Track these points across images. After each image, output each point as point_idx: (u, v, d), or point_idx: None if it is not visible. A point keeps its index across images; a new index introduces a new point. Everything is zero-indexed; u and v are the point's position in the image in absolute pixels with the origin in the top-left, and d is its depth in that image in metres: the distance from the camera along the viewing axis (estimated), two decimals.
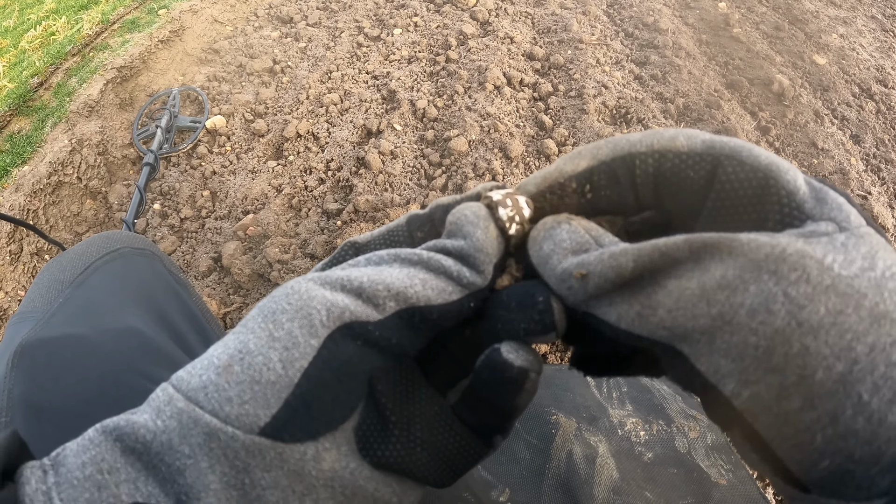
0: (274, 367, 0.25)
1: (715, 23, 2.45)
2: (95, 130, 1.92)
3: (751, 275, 0.21)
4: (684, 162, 0.26)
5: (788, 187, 0.24)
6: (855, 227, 0.23)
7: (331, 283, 0.26)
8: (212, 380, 0.25)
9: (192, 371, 0.26)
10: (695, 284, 0.22)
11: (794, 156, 1.89)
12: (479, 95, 1.92)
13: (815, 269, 0.21)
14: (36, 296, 0.70)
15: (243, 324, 0.26)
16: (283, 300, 0.26)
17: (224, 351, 0.26)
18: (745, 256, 0.21)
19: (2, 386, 0.55)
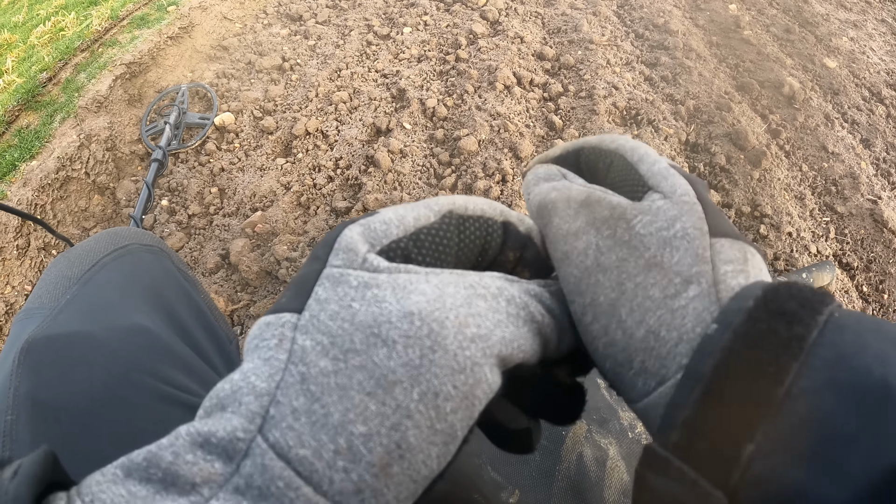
0: (431, 465, 0.23)
1: (725, 25, 2.44)
2: (104, 126, 1.92)
3: (585, 228, 0.30)
4: (601, 154, 0.36)
5: (642, 170, 0.32)
6: (677, 196, 0.29)
7: (486, 352, 0.25)
8: (368, 483, 0.22)
9: (323, 455, 0.22)
10: (565, 227, 0.31)
11: (804, 159, 1.88)
12: (489, 95, 1.91)
13: (622, 227, 0.29)
14: (43, 292, 0.69)
15: (372, 375, 0.23)
16: (447, 379, 0.24)
17: (370, 435, 0.22)
18: (591, 214, 0.30)
19: (8, 383, 0.54)
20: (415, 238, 0.29)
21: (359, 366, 0.23)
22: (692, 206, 0.29)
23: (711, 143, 1.85)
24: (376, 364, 0.23)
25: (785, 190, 1.76)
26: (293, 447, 0.21)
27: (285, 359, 0.23)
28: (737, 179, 1.75)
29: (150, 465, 0.21)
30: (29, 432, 0.50)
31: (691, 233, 0.27)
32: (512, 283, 0.29)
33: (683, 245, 0.27)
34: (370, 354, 0.23)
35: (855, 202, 1.75)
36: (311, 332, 0.24)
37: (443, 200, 0.31)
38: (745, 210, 1.67)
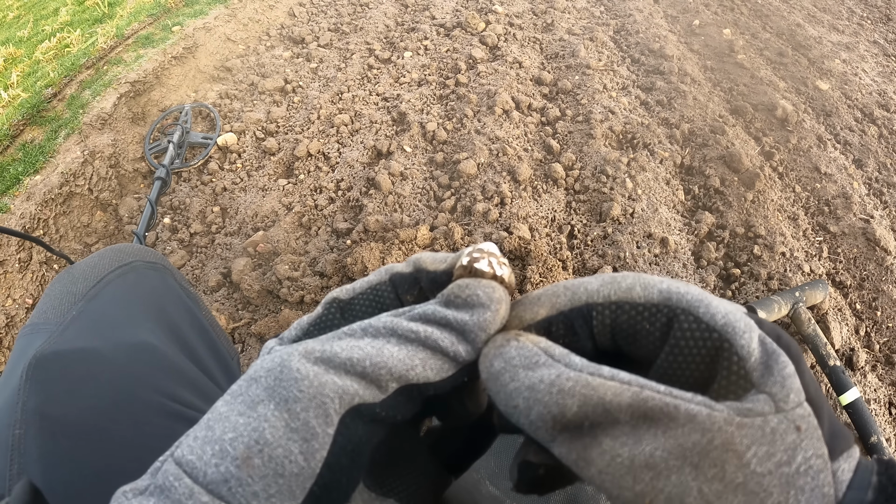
0: (296, 460, 0.25)
1: (720, 49, 2.49)
2: (108, 143, 1.95)
3: (675, 462, 0.23)
4: (640, 314, 0.27)
5: (741, 353, 0.25)
6: (791, 407, 0.24)
7: (335, 366, 0.27)
8: (232, 473, 0.25)
9: (203, 457, 0.26)
10: (626, 454, 0.23)
11: (797, 180, 1.91)
12: (487, 119, 1.94)
13: (732, 467, 0.23)
14: (48, 307, 0.70)
15: (246, 402, 0.27)
16: (292, 386, 0.26)
17: (236, 437, 0.26)
18: (676, 440, 0.23)
19: (16, 398, 0.55)
20: (312, 328, 0.33)
21: (240, 401, 0.27)
22: (810, 421, 0.24)
23: (706, 166, 1.88)
24: (249, 395, 0.27)
25: (778, 211, 1.79)
26: (185, 455, 0.26)
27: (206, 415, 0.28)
28: (731, 201, 1.78)
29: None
30: (37, 447, 0.51)
31: (815, 465, 0.23)
32: (381, 318, 0.29)
33: (809, 484, 0.23)
34: (247, 391, 0.27)
35: (847, 221, 1.78)
36: (223, 396, 0.28)
37: (328, 296, 0.34)
38: (739, 231, 1.70)
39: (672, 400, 0.23)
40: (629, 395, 0.24)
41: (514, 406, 0.26)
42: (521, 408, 0.26)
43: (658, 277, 0.28)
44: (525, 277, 1.45)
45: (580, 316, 0.28)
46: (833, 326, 1.52)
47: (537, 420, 0.25)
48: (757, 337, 0.25)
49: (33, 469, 0.50)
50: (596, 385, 0.24)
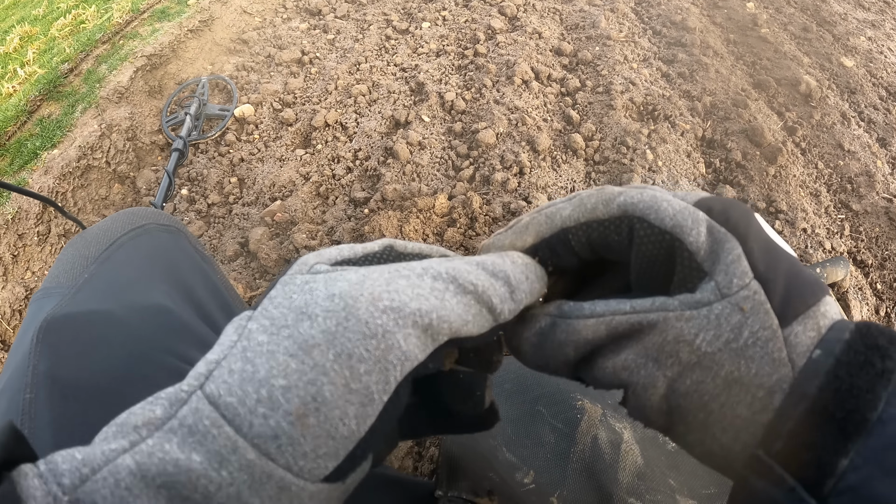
0: (349, 424, 0.26)
1: (743, 22, 2.44)
2: (125, 116, 1.95)
3: (642, 360, 0.29)
4: (607, 228, 0.32)
5: (691, 248, 0.29)
6: (735, 291, 0.28)
7: (403, 317, 0.27)
8: (284, 429, 0.24)
9: (246, 403, 0.25)
10: (609, 365, 0.30)
11: (820, 157, 1.88)
12: (507, 89, 1.92)
13: (685, 353, 0.28)
14: (60, 271, 0.69)
15: (297, 341, 0.26)
16: (360, 343, 0.26)
17: (289, 387, 0.25)
18: (640, 343, 0.29)
19: (27, 361, 0.54)
20: (362, 260, 0.32)
21: (287, 336, 0.26)
22: (755, 299, 0.27)
23: (728, 140, 1.85)
24: (300, 333, 0.26)
25: (800, 187, 1.76)
26: (223, 395, 0.25)
27: (235, 339, 0.27)
28: (752, 175, 1.75)
29: (110, 424, 0.26)
30: (48, 410, 0.50)
31: (762, 336, 0.27)
32: (442, 262, 0.30)
33: (757, 353, 0.27)
34: (297, 327, 0.26)
35: (870, 200, 1.75)
36: (258, 319, 0.28)
37: (384, 240, 0.34)
38: (761, 206, 1.67)
39: (635, 317, 0.29)
40: (603, 328, 0.30)
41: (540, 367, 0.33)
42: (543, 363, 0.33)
43: (618, 189, 0.32)
44: None
45: (559, 241, 0.33)
46: (853, 305, 1.49)
47: (556, 370, 0.32)
48: (705, 229, 0.29)
49: (44, 433, 0.49)
50: (580, 328, 0.30)
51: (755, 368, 0.26)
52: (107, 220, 0.79)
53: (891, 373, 0.24)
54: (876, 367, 0.25)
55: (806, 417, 0.25)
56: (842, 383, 0.25)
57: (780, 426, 0.25)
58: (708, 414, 0.27)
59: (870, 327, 0.26)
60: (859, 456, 0.23)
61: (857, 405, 0.24)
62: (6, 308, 1.55)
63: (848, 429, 0.24)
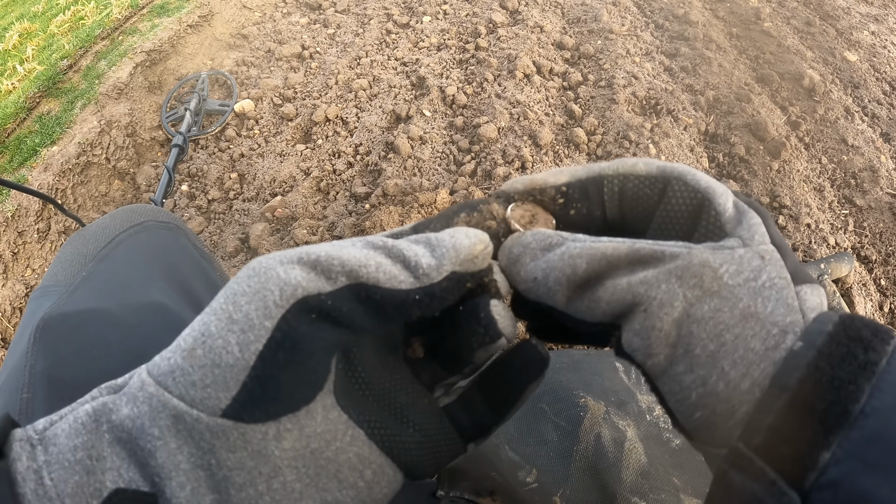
0: (232, 351, 0.26)
1: (746, 16, 2.43)
2: (124, 112, 1.94)
3: (664, 276, 0.28)
4: (643, 182, 0.33)
5: (719, 209, 0.31)
6: (757, 244, 0.29)
7: (289, 258, 0.28)
8: (178, 364, 0.26)
9: (163, 355, 0.27)
10: (624, 281, 0.29)
11: (823, 152, 1.87)
12: (508, 83, 1.91)
13: (708, 278, 0.28)
14: (59, 269, 0.69)
15: (211, 304, 0.28)
16: (244, 281, 0.27)
17: (190, 333, 0.27)
18: (664, 264, 0.29)
19: (23, 361, 0.54)
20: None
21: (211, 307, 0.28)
22: (773, 254, 0.29)
23: (731, 134, 1.84)
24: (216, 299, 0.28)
25: (804, 181, 1.75)
26: (155, 358, 0.28)
27: None
28: (756, 170, 1.74)
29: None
30: (45, 411, 0.49)
31: (778, 283, 0.28)
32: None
33: (773, 295, 0.28)
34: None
35: (874, 195, 1.74)
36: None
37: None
38: (764, 200, 1.67)
39: (659, 247, 0.29)
40: (625, 248, 0.29)
41: (534, 278, 0.31)
42: (540, 278, 0.30)
43: (658, 160, 0.33)
44: None
45: (594, 184, 0.34)
46: (857, 301, 1.48)
47: (555, 284, 0.30)
48: (732, 200, 0.31)
49: None
50: (598, 246, 0.29)
51: (771, 307, 0.27)
52: (106, 217, 0.78)
53: (874, 365, 0.24)
54: (858, 358, 0.25)
55: (786, 410, 0.24)
56: (823, 375, 0.24)
57: (761, 420, 0.25)
58: (720, 345, 0.27)
59: (854, 319, 0.26)
60: (841, 449, 0.23)
61: (839, 397, 0.24)
62: (6, 305, 1.54)
63: (829, 421, 0.23)
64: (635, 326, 0.29)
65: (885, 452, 0.22)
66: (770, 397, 0.25)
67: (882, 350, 0.25)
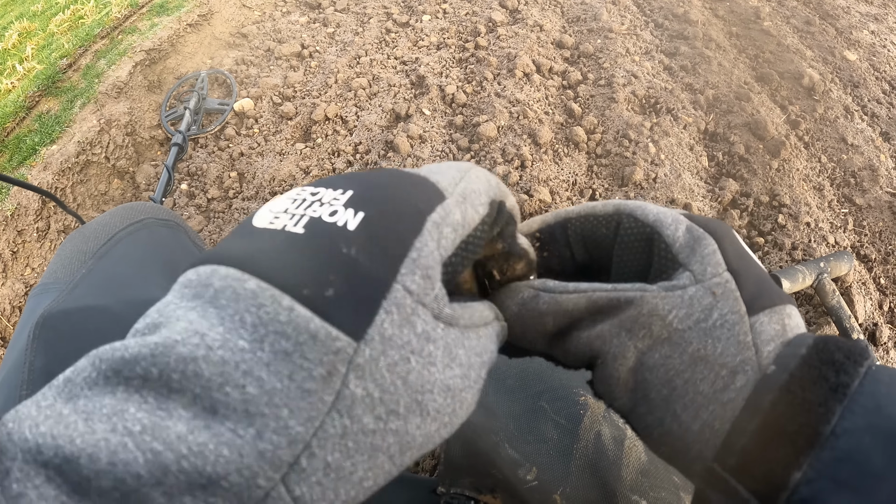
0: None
1: (745, 15, 2.43)
2: (124, 111, 1.94)
3: (615, 330, 0.30)
4: (599, 221, 0.35)
5: (668, 240, 0.31)
6: (709, 277, 0.30)
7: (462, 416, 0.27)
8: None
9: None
10: (584, 335, 0.31)
11: (823, 151, 1.87)
12: (508, 82, 1.91)
13: (657, 326, 0.29)
14: (58, 267, 0.69)
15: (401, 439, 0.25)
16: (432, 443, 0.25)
17: (373, 487, 0.24)
18: (616, 317, 0.30)
19: (23, 358, 0.54)
20: (463, 247, 0.27)
21: (394, 430, 0.22)
22: (726, 287, 0.29)
23: (730, 133, 1.84)
24: (408, 432, 0.23)
25: (804, 180, 1.75)
26: (316, 501, 0.21)
27: (331, 402, 0.21)
28: (755, 169, 1.74)
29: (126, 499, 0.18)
30: None
31: (730, 319, 0.29)
32: (496, 341, 0.30)
33: (724, 335, 0.28)
34: (407, 421, 0.23)
35: (874, 194, 1.74)
36: (365, 380, 0.21)
37: (483, 193, 0.29)
38: (764, 199, 1.66)
39: (615, 293, 0.30)
40: (584, 301, 0.31)
41: (514, 334, 0.33)
42: (519, 332, 0.33)
43: (616, 200, 0.35)
44: None
45: (560, 227, 0.36)
46: (857, 300, 1.48)
47: (532, 338, 0.33)
48: (684, 227, 0.32)
49: None
50: (561, 301, 0.31)
51: (721, 348, 0.28)
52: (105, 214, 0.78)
53: (846, 387, 0.25)
54: (830, 381, 0.25)
55: (759, 432, 0.25)
56: (794, 398, 0.25)
57: (734, 441, 0.26)
58: (672, 390, 0.28)
59: (827, 342, 0.27)
60: (812, 469, 0.24)
61: (810, 419, 0.24)
62: (6, 304, 1.54)
63: (799, 442, 0.24)
64: (598, 375, 0.31)
65: (855, 472, 0.23)
66: (743, 420, 0.26)
67: (854, 372, 0.26)
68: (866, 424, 0.24)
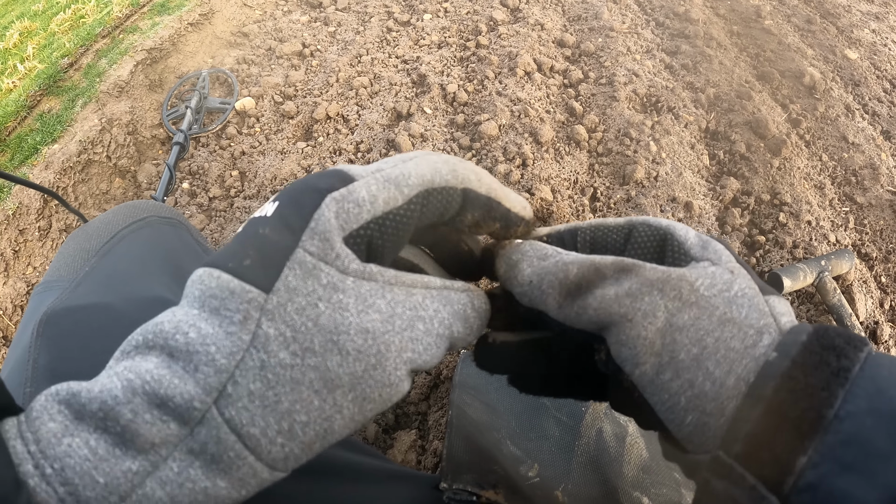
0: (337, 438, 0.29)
1: (746, 14, 2.43)
2: (125, 110, 1.94)
3: (647, 289, 0.31)
4: (611, 229, 0.38)
5: (680, 238, 0.34)
6: (725, 262, 0.32)
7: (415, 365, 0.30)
8: (295, 454, 0.29)
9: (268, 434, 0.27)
10: (612, 292, 0.31)
11: (824, 149, 1.87)
12: (509, 81, 1.91)
13: (686, 289, 0.31)
14: (61, 265, 0.69)
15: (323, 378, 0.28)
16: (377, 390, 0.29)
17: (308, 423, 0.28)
18: (646, 277, 0.31)
19: (26, 355, 0.54)
20: (380, 224, 0.30)
21: (313, 366, 0.27)
22: (741, 270, 0.32)
23: (731, 131, 1.84)
24: (328, 368, 0.27)
25: (805, 179, 1.75)
26: (245, 425, 0.26)
27: (248, 340, 0.26)
28: (756, 167, 1.74)
29: (108, 417, 0.25)
30: None
31: (749, 292, 0.31)
32: (445, 304, 0.32)
33: (746, 303, 0.30)
34: (325, 359, 0.27)
35: (875, 193, 1.74)
36: (276, 321, 0.27)
37: (414, 176, 0.31)
38: (765, 198, 1.67)
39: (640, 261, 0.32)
40: (611, 259, 0.32)
41: (529, 282, 0.34)
42: (535, 281, 0.33)
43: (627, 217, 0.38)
44: None
45: (570, 234, 0.39)
46: (858, 298, 1.48)
47: (548, 287, 0.33)
48: (693, 233, 0.35)
49: None
50: (588, 256, 0.33)
51: (745, 312, 0.30)
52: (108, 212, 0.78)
53: (847, 371, 0.26)
54: (831, 365, 0.26)
55: (763, 418, 0.26)
56: (797, 383, 0.26)
57: (739, 429, 0.26)
58: (703, 348, 0.29)
59: (827, 329, 0.28)
60: (817, 453, 0.24)
61: (813, 403, 0.25)
62: (7, 303, 1.55)
63: (804, 427, 0.25)
64: (621, 337, 0.31)
65: (860, 454, 0.23)
66: (747, 406, 0.27)
67: (855, 357, 0.26)
68: (869, 407, 0.24)
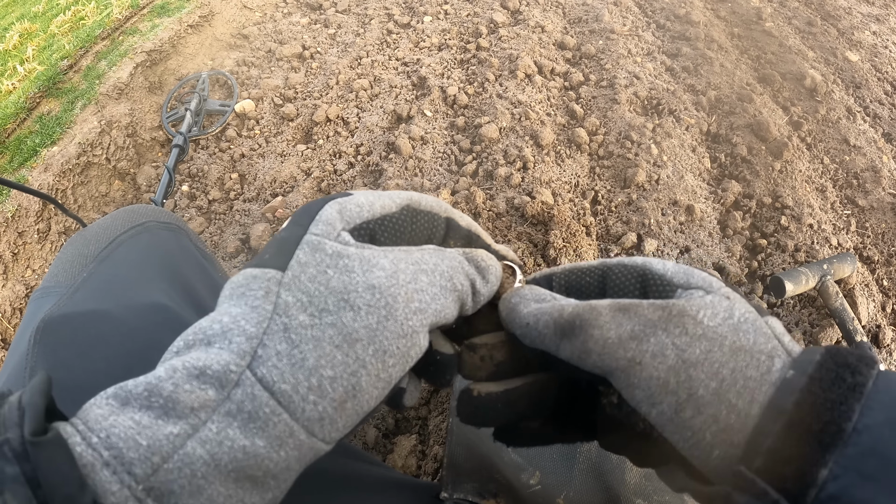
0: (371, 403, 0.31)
1: (747, 16, 2.43)
2: (125, 112, 1.93)
3: (650, 329, 0.31)
4: (584, 274, 0.39)
5: (659, 272, 0.35)
6: (717, 289, 0.33)
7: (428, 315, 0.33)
8: (329, 414, 0.29)
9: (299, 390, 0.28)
10: (613, 335, 0.31)
11: (825, 152, 1.86)
12: (509, 83, 1.91)
13: (690, 323, 0.30)
14: (59, 270, 0.68)
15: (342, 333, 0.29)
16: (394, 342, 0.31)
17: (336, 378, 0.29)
18: (646, 317, 0.31)
19: (24, 363, 0.53)
20: (380, 222, 0.35)
21: (330, 324, 0.29)
22: (735, 294, 0.33)
23: (733, 134, 1.84)
24: (344, 324, 0.29)
25: (806, 182, 1.74)
26: (276, 382, 0.28)
27: (271, 309, 0.29)
28: (758, 170, 1.74)
29: (152, 394, 0.27)
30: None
31: (749, 316, 0.31)
32: (443, 258, 0.35)
33: (751, 328, 0.31)
34: (340, 316, 0.30)
35: (876, 196, 1.73)
36: (292, 290, 0.30)
37: (403, 195, 0.36)
38: (767, 201, 1.66)
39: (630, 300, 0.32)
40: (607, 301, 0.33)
41: (527, 323, 0.35)
42: (531, 322, 0.34)
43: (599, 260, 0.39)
44: (548, 242, 1.42)
45: (545, 279, 0.40)
46: (860, 302, 1.48)
47: (544, 328, 0.34)
48: (671, 263, 0.35)
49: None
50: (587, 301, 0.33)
51: (752, 338, 0.30)
52: (107, 217, 0.77)
53: (862, 387, 0.27)
54: (847, 381, 0.27)
55: (784, 432, 0.26)
56: (816, 398, 0.26)
57: (760, 443, 0.27)
58: (721, 381, 0.29)
59: (839, 349, 0.29)
60: (838, 465, 0.25)
61: (833, 417, 0.26)
62: (6, 306, 1.54)
63: (825, 440, 0.25)
64: (633, 380, 0.31)
65: (879, 465, 0.24)
66: (767, 421, 0.27)
67: (867, 374, 0.27)
68: (885, 419, 0.25)
